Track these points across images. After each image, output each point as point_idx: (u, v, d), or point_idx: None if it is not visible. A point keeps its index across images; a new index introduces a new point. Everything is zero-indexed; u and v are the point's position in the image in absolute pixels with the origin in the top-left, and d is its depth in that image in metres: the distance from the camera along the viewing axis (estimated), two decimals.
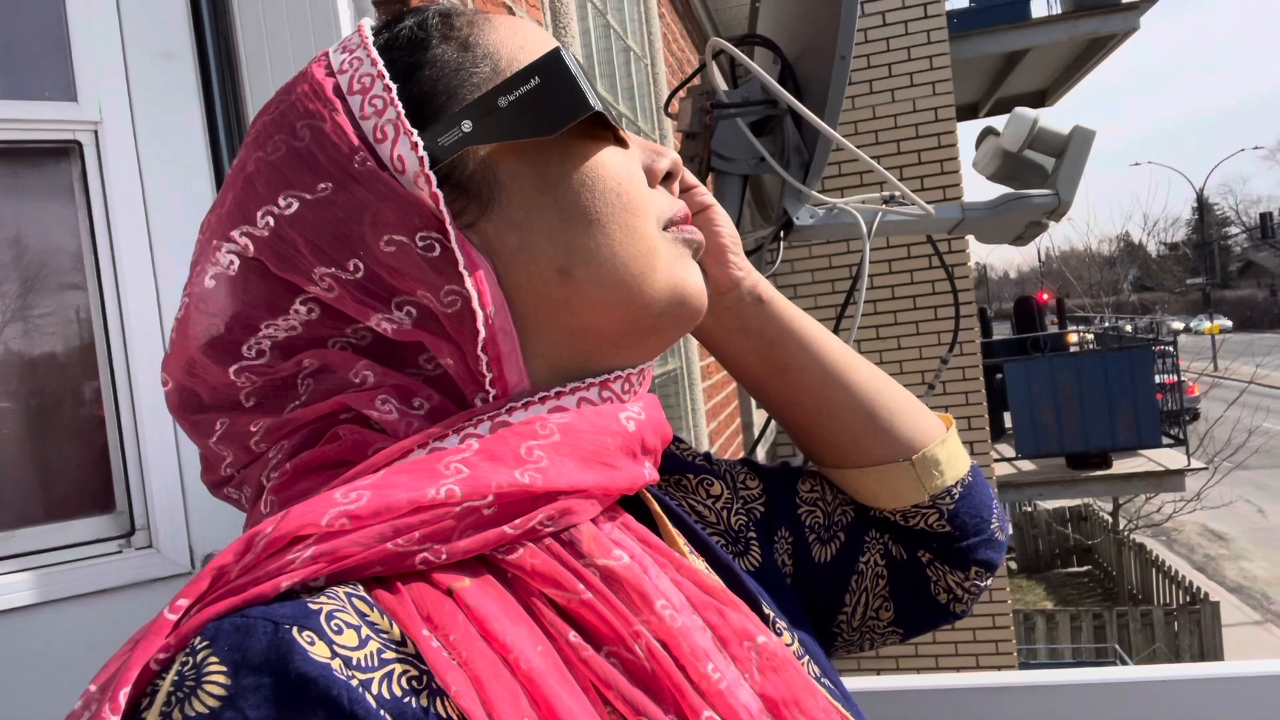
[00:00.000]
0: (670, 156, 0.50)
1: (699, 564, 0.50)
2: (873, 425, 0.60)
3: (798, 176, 1.19)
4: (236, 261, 0.43)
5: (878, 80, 4.82)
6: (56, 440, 0.99)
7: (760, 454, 4.03)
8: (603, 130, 0.46)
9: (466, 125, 0.43)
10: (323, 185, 0.42)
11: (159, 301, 0.99)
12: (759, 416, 4.12)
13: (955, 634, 4.89)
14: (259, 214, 0.43)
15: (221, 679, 0.32)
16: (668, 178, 0.50)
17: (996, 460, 5.81)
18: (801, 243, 1.29)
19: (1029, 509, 12.48)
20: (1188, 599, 9.22)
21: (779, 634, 0.51)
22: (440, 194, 0.42)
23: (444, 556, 0.38)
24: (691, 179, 0.56)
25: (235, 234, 0.43)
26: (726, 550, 0.58)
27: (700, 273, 0.49)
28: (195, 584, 0.36)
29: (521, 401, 0.43)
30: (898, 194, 1.20)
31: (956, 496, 0.62)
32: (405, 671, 0.35)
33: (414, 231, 0.41)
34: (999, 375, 7.43)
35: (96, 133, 0.97)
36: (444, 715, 0.35)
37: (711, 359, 3.28)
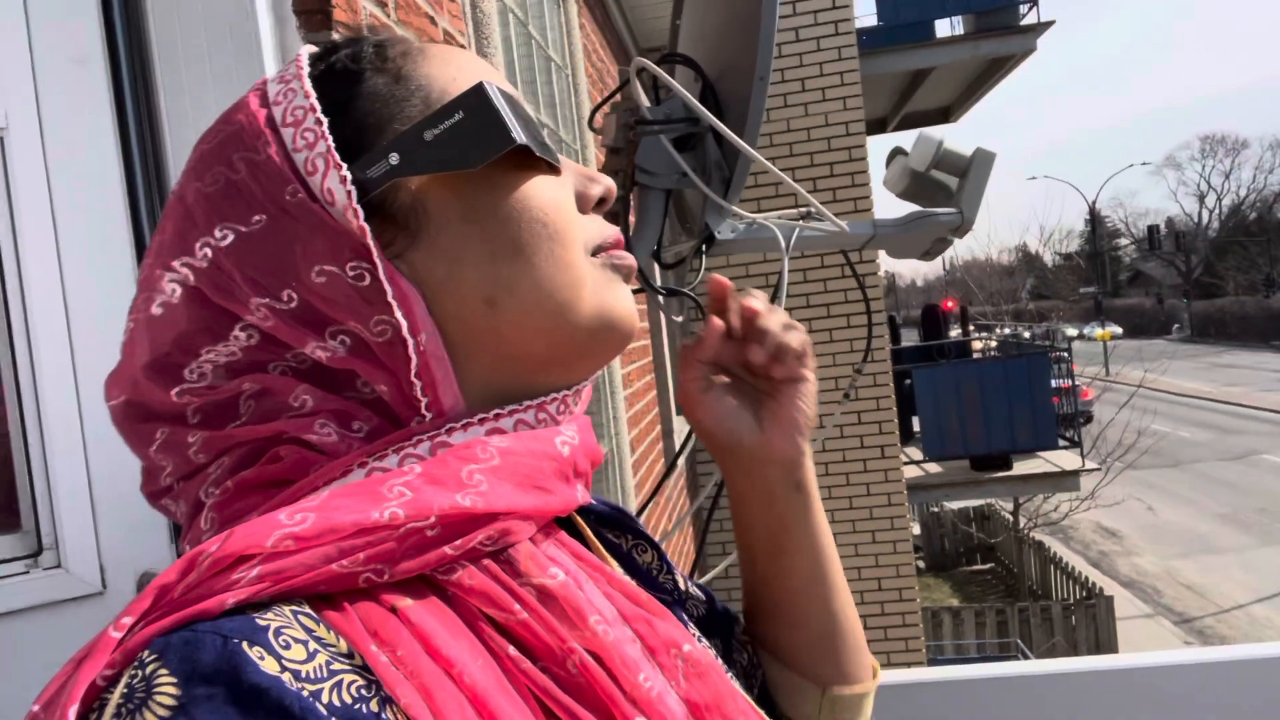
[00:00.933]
0: (604, 183, 0.51)
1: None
2: (820, 643, 0.63)
3: (719, 192, 1.22)
4: (179, 290, 0.44)
5: (791, 94, 4.94)
6: None
7: (680, 463, 4.08)
8: (531, 160, 0.47)
9: (394, 158, 0.44)
10: (257, 217, 0.43)
11: (67, 313, 0.96)
12: (679, 424, 4.17)
13: (868, 634, 5.01)
14: (197, 245, 0.43)
15: (172, 689, 0.33)
16: (600, 203, 0.51)
17: (906, 463, 6.01)
18: (722, 255, 1.32)
19: (935, 510, 12.91)
20: (1084, 594, 9.67)
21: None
22: (367, 226, 0.43)
23: (387, 576, 0.39)
24: (793, 323, 0.61)
25: (176, 264, 0.44)
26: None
27: (630, 296, 0.51)
28: (138, 602, 0.36)
29: (461, 423, 0.44)
30: (814, 210, 1.25)
31: None
32: (354, 681, 0.36)
33: (344, 262, 0.42)
34: (907, 381, 7.68)
35: (2, 139, 0.93)
36: None
37: (633, 367, 3.30)
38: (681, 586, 0.59)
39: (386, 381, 0.43)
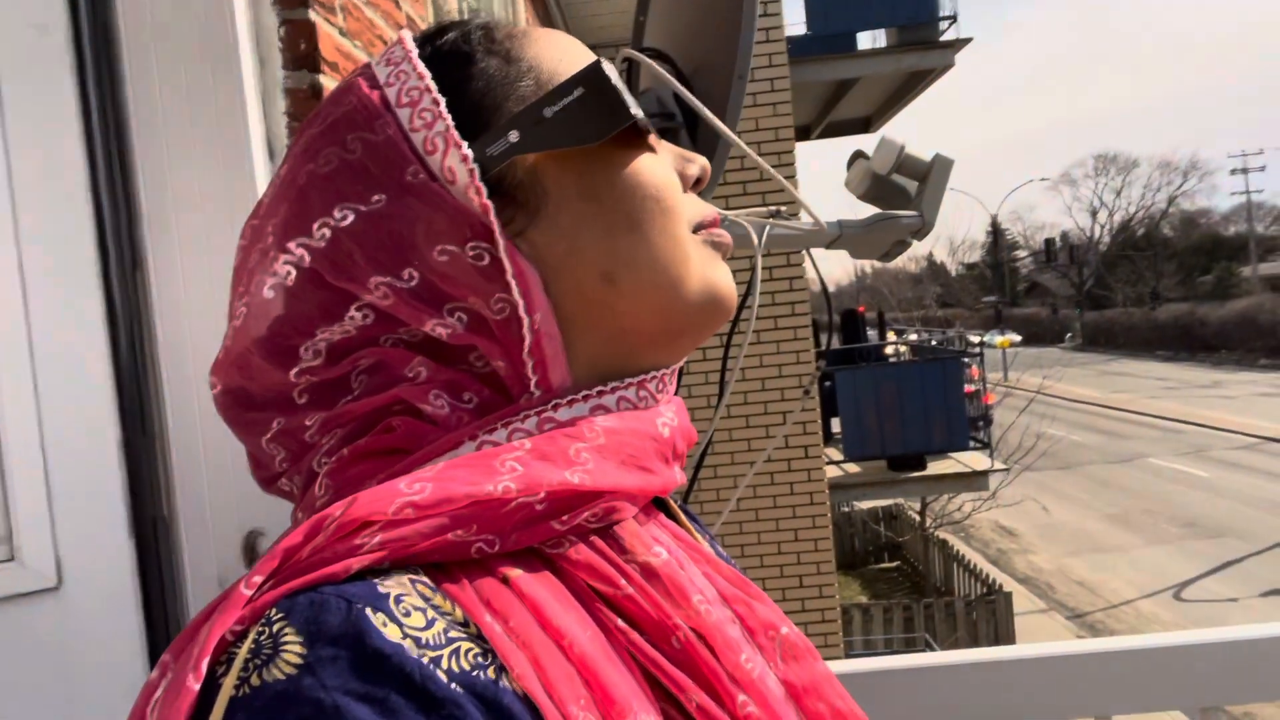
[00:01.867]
0: (700, 162, 0.52)
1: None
2: None
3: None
4: (294, 272, 0.44)
5: None
6: None
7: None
8: (640, 138, 0.48)
9: (514, 136, 0.44)
10: (376, 197, 0.43)
11: (25, 292, 0.91)
12: None
13: None
14: (315, 226, 0.44)
15: (298, 649, 0.34)
16: (696, 183, 0.52)
17: (827, 464, 6.15)
18: None
19: (846, 509, 13.24)
20: (984, 590, 10.06)
21: None
22: (490, 204, 0.43)
23: (498, 547, 0.40)
24: None
25: (291, 245, 0.44)
26: None
27: (730, 273, 0.52)
28: (266, 561, 0.37)
29: (566, 399, 0.45)
30: (783, 208, 1.27)
31: None
32: (471, 648, 0.37)
33: (465, 241, 0.43)
34: (829, 383, 7.87)
35: None
36: (512, 689, 0.37)
37: None
38: None
39: (502, 357, 0.44)
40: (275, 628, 0.34)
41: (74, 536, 0.94)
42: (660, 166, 0.49)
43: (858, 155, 1.43)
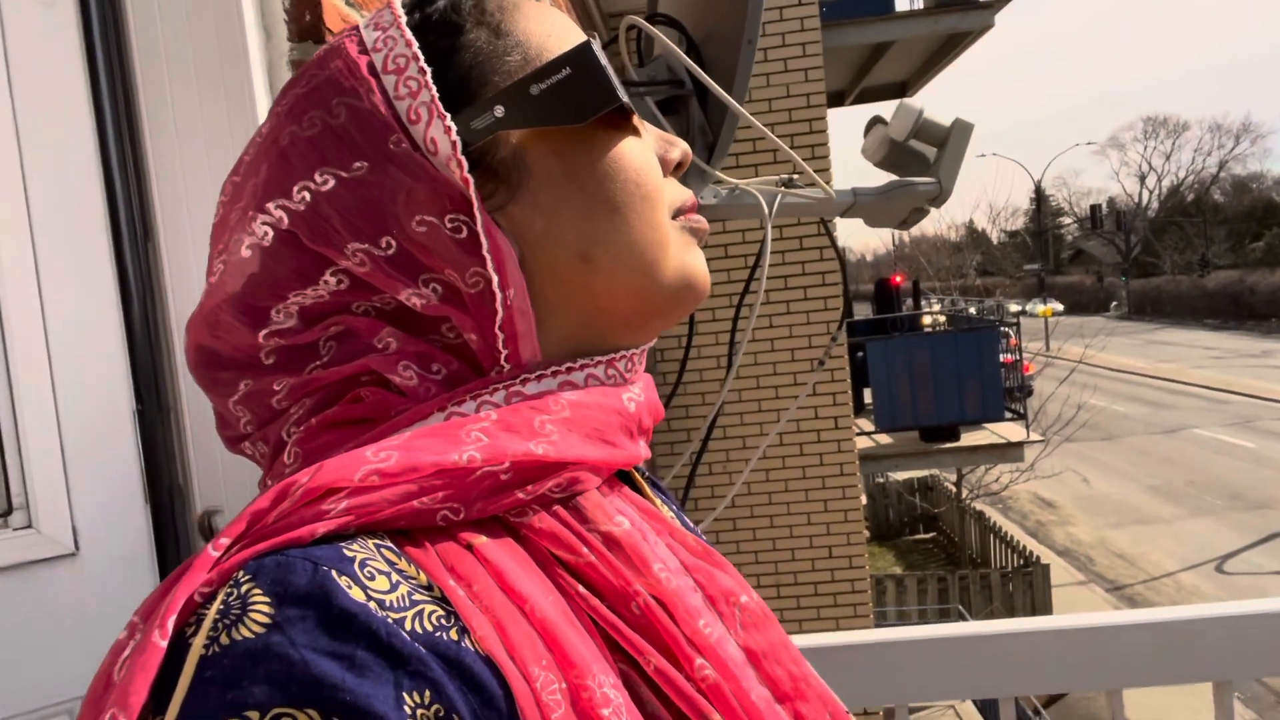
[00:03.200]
0: (681, 147, 0.52)
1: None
2: None
3: (702, 157, 1.22)
4: (270, 233, 0.45)
5: (754, 64, 4.92)
6: None
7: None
8: (624, 121, 0.48)
9: (499, 110, 0.44)
10: (358, 164, 0.44)
11: (36, 263, 0.93)
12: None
13: (818, 599, 5.13)
14: (295, 188, 0.44)
15: (266, 609, 0.35)
16: (677, 167, 0.52)
17: (858, 434, 6.11)
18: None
19: (881, 480, 13.18)
20: (1021, 562, 9.99)
21: None
22: (470, 178, 0.43)
23: (463, 515, 0.41)
24: None
25: (270, 206, 0.44)
26: None
27: (704, 259, 0.52)
28: (233, 526, 0.38)
29: (535, 374, 0.45)
30: (795, 176, 1.25)
31: None
32: (434, 610, 0.38)
33: (444, 213, 0.43)
34: (860, 354, 7.79)
35: None
36: (474, 650, 0.37)
37: None
38: None
39: (475, 330, 0.45)
40: (243, 589, 0.35)
41: (90, 505, 0.96)
42: (643, 150, 0.49)
43: (875, 121, 1.40)
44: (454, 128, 0.43)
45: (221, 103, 1.00)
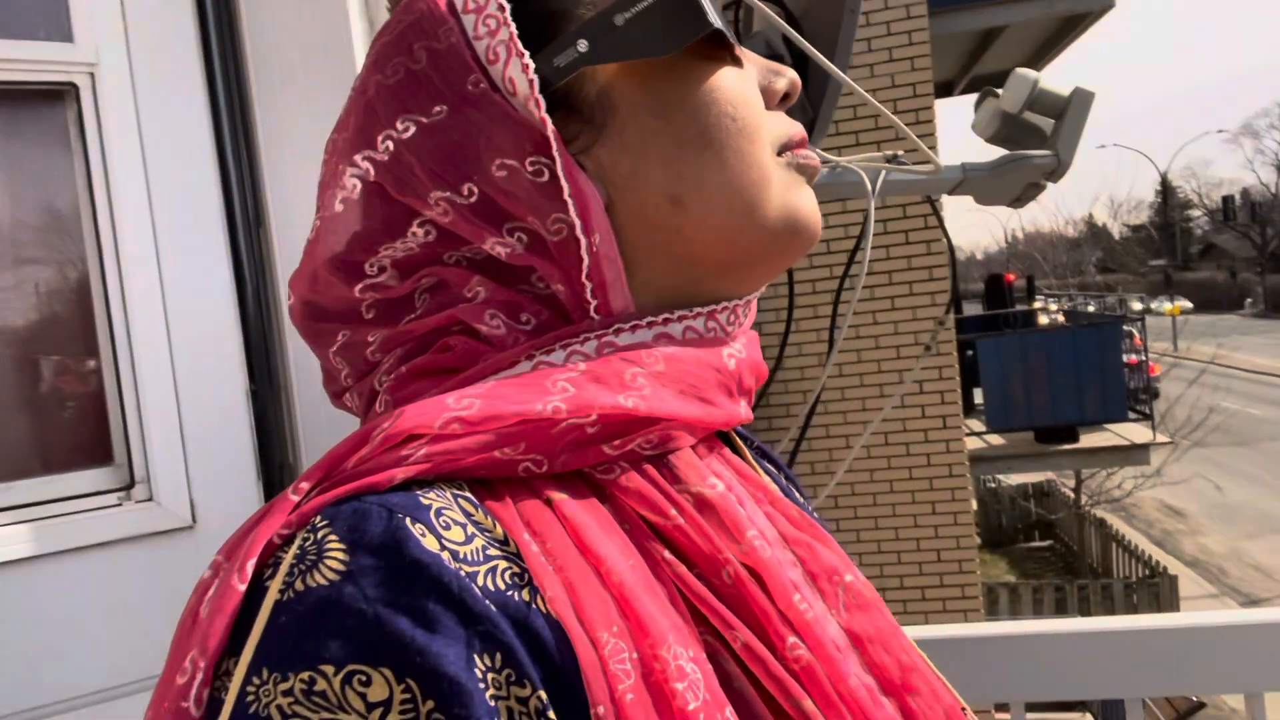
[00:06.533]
0: (788, 75, 0.48)
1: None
2: None
3: None
4: (358, 185, 0.44)
5: (857, 54, 4.82)
6: (54, 392, 0.97)
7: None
8: (719, 50, 0.45)
9: (582, 45, 0.42)
10: (438, 108, 0.42)
11: (157, 248, 0.97)
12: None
13: (926, 604, 4.98)
14: (379, 138, 0.43)
15: (341, 556, 0.34)
16: (784, 99, 0.48)
17: (968, 435, 5.90)
18: None
19: (993, 485, 12.70)
20: (1146, 572, 9.46)
21: None
22: (548, 118, 0.41)
23: (545, 468, 0.39)
24: None
25: (358, 158, 0.44)
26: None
27: (814, 199, 0.48)
28: (314, 470, 0.38)
29: (629, 325, 0.43)
30: (900, 153, 1.20)
31: None
32: (508, 568, 0.36)
33: (525, 156, 0.41)
34: (970, 352, 7.52)
35: (93, 75, 0.94)
36: (544, 612, 0.36)
37: None
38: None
39: (562, 280, 0.43)
40: (319, 534, 0.35)
41: (207, 480, 1.00)
42: (741, 81, 0.45)
43: (986, 94, 1.34)
44: (531, 65, 0.41)
45: (327, 92, 1.03)
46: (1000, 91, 1.28)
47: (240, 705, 0.33)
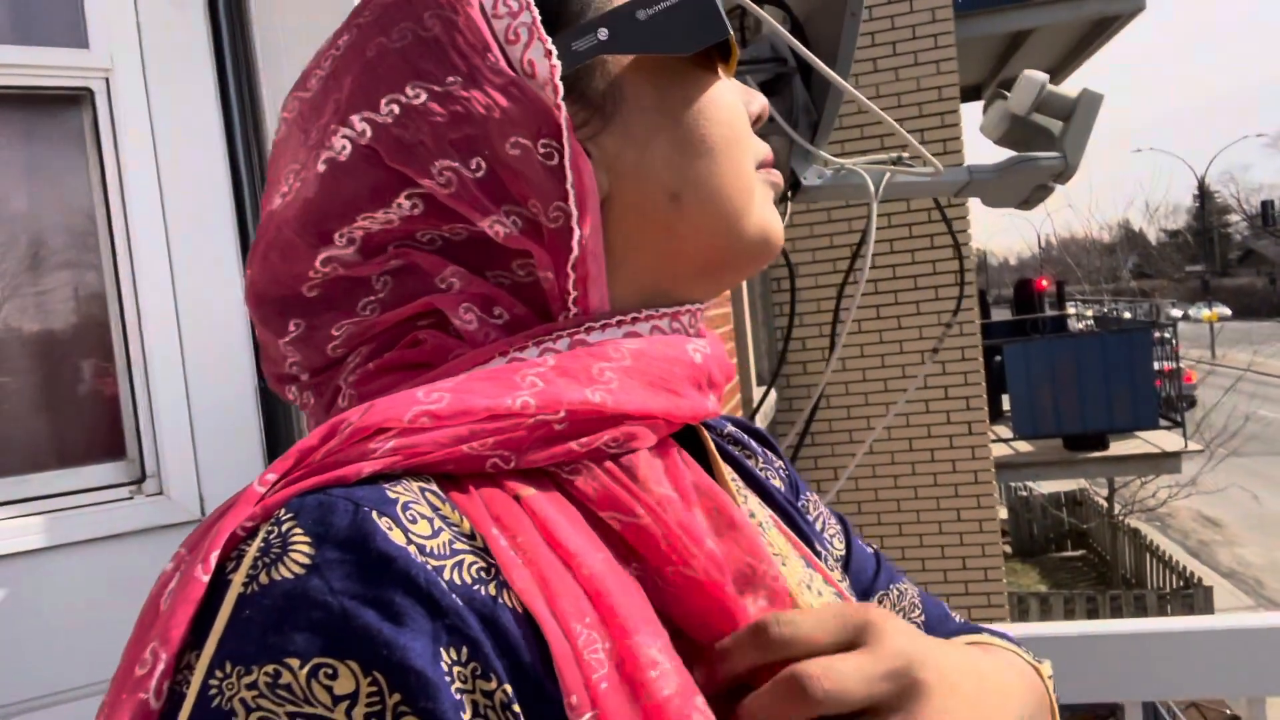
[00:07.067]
0: (760, 100, 0.51)
1: (752, 501, 0.52)
2: None
3: (806, 137, 1.19)
4: (349, 147, 0.42)
5: (882, 58, 4.80)
6: (67, 387, 0.99)
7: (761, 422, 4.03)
8: (723, 60, 0.47)
9: (603, 33, 0.43)
10: (452, 79, 0.42)
11: (169, 248, 1.00)
12: (759, 394, 4.13)
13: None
14: (383, 101, 0.42)
15: (306, 549, 0.34)
16: (755, 120, 0.51)
17: (994, 441, 5.84)
18: (806, 202, 1.29)
19: (1024, 493, 12.53)
20: (1180, 583, 9.28)
21: (831, 569, 0.54)
22: (563, 105, 0.42)
23: (513, 464, 0.39)
24: None
25: (354, 119, 0.43)
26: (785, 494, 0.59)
27: (779, 218, 0.51)
28: (281, 461, 0.37)
29: (600, 323, 0.44)
30: (905, 154, 1.20)
31: None
32: (474, 562, 0.36)
33: (538, 138, 0.42)
34: (997, 357, 7.45)
35: (108, 80, 0.97)
36: (511, 606, 0.36)
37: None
38: (811, 514, 0.59)
39: (550, 268, 0.43)
40: (284, 527, 0.34)
41: (216, 474, 1.02)
42: (734, 95, 0.48)
43: (994, 96, 1.33)
44: (554, 51, 0.42)
45: None
46: (1008, 93, 1.28)
47: (203, 699, 0.32)
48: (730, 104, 0.47)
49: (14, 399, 0.96)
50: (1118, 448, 7.14)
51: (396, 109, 0.42)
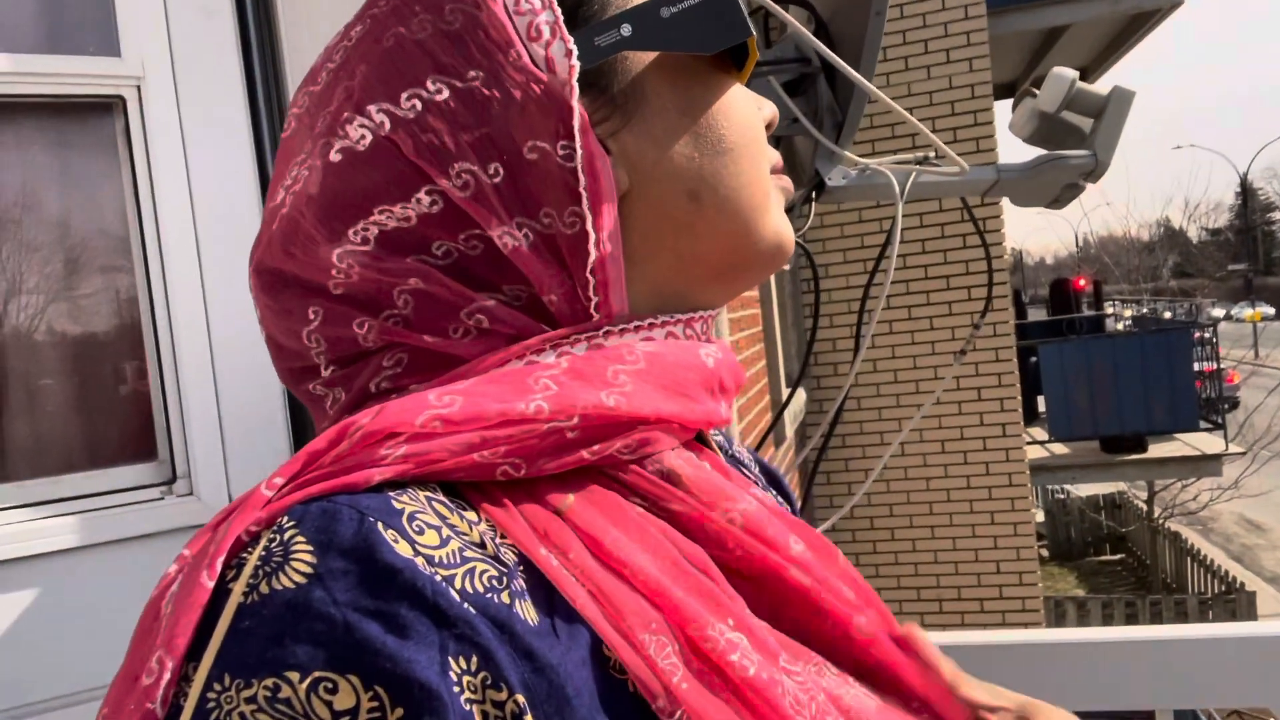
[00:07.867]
0: (770, 107, 0.51)
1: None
2: None
3: (830, 137, 1.18)
4: (368, 137, 0.41)
5: (913, 56, 4.76)
6: (100, 389, 1.01)
7: (789, 434, 4.00)
8: (741, 64, 0.47)
9: (626, 29, 0.43)
10: (473, 74, 0.41)
11: (199, 253, 1.01)
12: (788, 395, 4.11)
13: (985, 617, 4.87)
14: (403, 94, 0.41)
15: (309, 558, 0.33)
16: (767, 127, 0.51)
17: (1029, 443, 5.76)
18: (832, 203, 1.28)
19: (1061, 496, 12.34)
20: (1223, 588, 9.08)
21: None
22: (581, 103, 0.42)
23: (523, 472, 0.39)
24: None
25: (371, 109, 0.41)
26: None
27: (790, 224, 0.51)
28: (290, 464, 0.37)
29: (617, 328, 0.43)
30: (931, 154, 1.19)
31: None
32: (486, 570, 0.36)
33: (556, 139, 0.41)
34: (1033, 358, 7.34)
35: (139, 88, 0.99)
36: (525, 619, 0.35)
37: (741, 335, 3.27)
38: None
39: (556, 286, 0.42)
40: (286, 535, 0.34)
41: (245, 475, 1.03)
42: (749, 99, 0.48)
43: (1024, 94, 1.31)
44: (575, 50, 0.41)
45: None
46: (1038, 91, 1.26)
47: (200, 712, 0.32)
48: (748, 108, 0.47)
49: (48, 401, 0.98)
50: (1157, 450, 7.00)
51: (418, 104, 0.41)
